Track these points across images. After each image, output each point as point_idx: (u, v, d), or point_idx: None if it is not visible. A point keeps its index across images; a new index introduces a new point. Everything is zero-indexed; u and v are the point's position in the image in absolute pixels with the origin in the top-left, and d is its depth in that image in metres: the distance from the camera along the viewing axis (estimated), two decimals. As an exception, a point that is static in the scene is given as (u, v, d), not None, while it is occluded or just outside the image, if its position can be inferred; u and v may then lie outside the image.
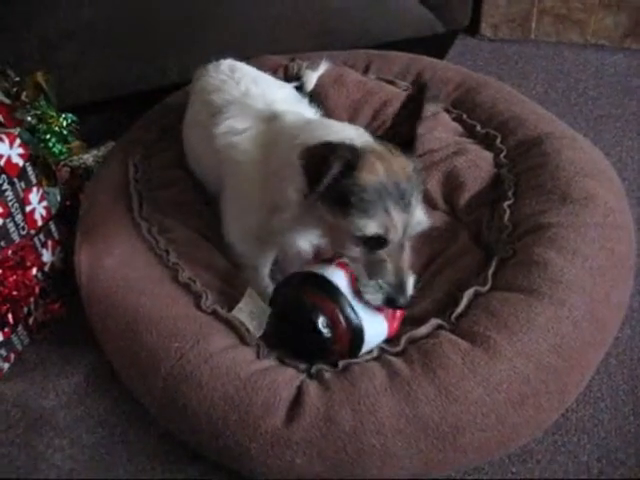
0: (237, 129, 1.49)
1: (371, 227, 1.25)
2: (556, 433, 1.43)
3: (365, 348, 1.33)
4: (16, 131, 1.56)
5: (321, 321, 1.29)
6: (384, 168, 1.26)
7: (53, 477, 1.42)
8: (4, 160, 1.51)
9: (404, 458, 1.23)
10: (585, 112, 2.27)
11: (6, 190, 1.53)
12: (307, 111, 1.61)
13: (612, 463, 1.37)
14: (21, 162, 1.57)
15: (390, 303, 1.29)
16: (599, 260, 1.39)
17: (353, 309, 1.29)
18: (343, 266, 1.34)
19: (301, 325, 1.31)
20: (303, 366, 1.34)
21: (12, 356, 1.65)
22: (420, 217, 1.31)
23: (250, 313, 1.40)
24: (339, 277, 1.32)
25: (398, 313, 1.36)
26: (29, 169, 1.60)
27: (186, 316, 1.40)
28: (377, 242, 1.27)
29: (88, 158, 2.09)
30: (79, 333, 1.66)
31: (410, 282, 1.30)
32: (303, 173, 1.24)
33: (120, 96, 2.26)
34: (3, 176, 1.52)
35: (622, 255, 1.44)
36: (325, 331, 1.29)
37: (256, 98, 1.57)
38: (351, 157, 1.23)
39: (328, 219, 1.30)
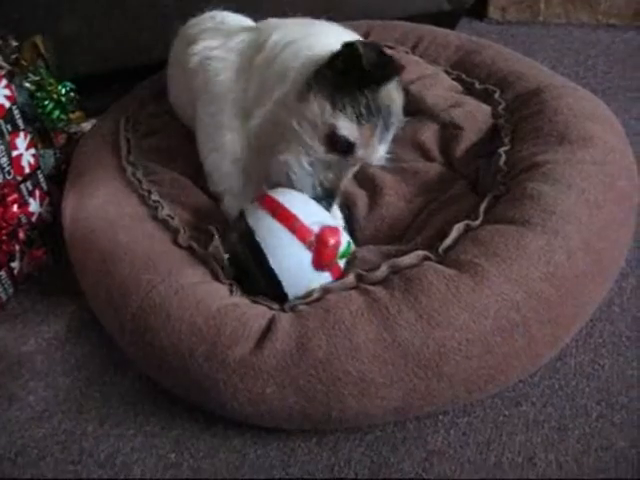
0: (212, 46, 1.49)
1: (352, 132, 1.29)
2: (553, 377, 1.34)
3: (286, 276, 1.27)
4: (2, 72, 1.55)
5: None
6: (394, 98, 1.35)
7: (24, 417, 1.38)
8: (-11, 99, 1.50)
9: (383, 387, 1.15)
10: (593, 84, 2.22)
11: (-9, 129, 1.52)
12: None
13: (612, 406, 1.28)
14: (7, 104, 1.56)
15: (316, 197, 1.31)
16: (596, 193, 1.32)
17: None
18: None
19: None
20: (276, 306, 1.28)
21: (-5, 304, 1.62)
22: (383, 154, 1.39)
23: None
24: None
25: (327, 234, 1.27)
26: (16, 113, 1.59)
27: (161, 251, 1.37)
28: (343, 148, 1.28)
29: (86, 126, 2.09)
30: (63, 284, 1.64)
31: (337, 200, 1.37)
32: (338, 61, 1.30)
33: (124, 68, 2.25)
34: (-13, 114, 1.51)
35: (623, 191, 1.37)
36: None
37: (233, 22, 1.57)
38: (389, 72, 1.31)
39: (307, 115, 1.31)
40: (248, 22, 1.70)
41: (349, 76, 1.29)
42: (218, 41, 1.48)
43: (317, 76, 1.33)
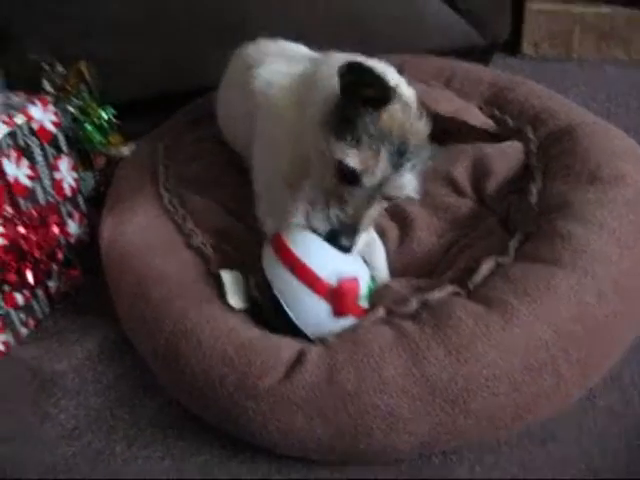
0: (276, 70, 1.50)
1: (353, 158, 1.24)
2: (581, 417, 1.33)
3: (310, 328, 1.27)
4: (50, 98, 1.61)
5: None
6: (401, 121, 1.25)
7: (55, 435, 1.41)
8: (37, 124, 1.56)
9: (410, 421, 1.17)
10: (625, 122, 2.21)
11: (37, 154, 1.58)
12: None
13: (644, 450, 1.27)
14: (53, 129, 1.61)
15: (332, 238, 1.26)
16: (627, 233, 1.33)
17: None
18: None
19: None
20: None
21: (31, 322, 1.66)
22: (405, 184, 1.29)
23: (232, 284, 1.37)
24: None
25: (345, 287, 1.27)
26: (60, 138, 1.64)
27: (194, 278, 1.40)
28: (351, 177, 1.25)
29: (126, 150, 2.14)
30: (98, 305, 1.67)
31: (362, 236, 1.28)
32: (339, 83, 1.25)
33: (163, 94, 2.31)
34: (34, 139, 1.56)
35: (654, 231, 1.37)
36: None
37: (296, 49, 1.59)
38: (383, 94, 1.24)
39: (320, 145, 1.29)
40: (306, 50, 1.71)
41: (346, 102, 1.27)
42: (282, 66, 1.51)
43: (324, 107, 1.33)
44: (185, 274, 1.41)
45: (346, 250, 1.27)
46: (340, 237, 1.26)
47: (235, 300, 1.34)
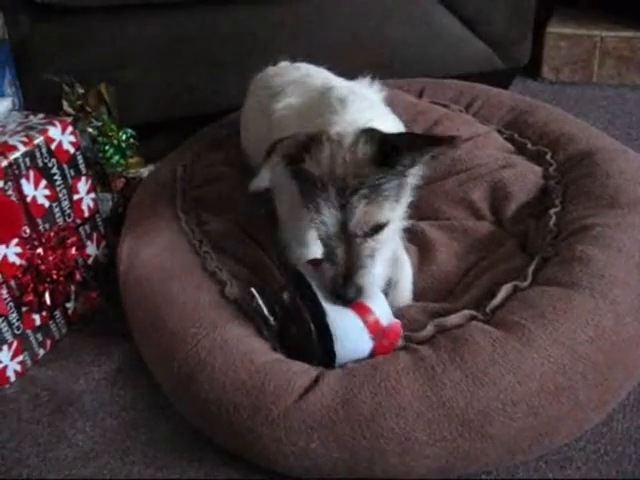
0: (293, 105, 1.49)
1: (310, 216, 1.25)
2: (599, 441, 1.31)
3: (343, 356, 1.26)
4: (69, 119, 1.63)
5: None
6: (332, 162, 1.23)
7: (72, 456, 1.41)
8: (55, 144, 1.57)
9: (427, 446, 1.16)
10: (646, 147, 2.21)
11: (55, 174, 1.59)
12: (366, 89, 1.56)
13: (660, 475, 1.25)
14: (72, 149, 1.63)
15: (338, 296, 1.24)
16: (646, 257, 1.32)
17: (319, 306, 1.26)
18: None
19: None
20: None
21: (48, 343, 1.66)
22: (366, 216, 1.22)
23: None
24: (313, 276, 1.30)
25: (394, 329, 1.28)
26: (79, 158, 1.66)
27: (209, 303, 1.41)
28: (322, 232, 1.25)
29: (144, 172, 2.16)
30: (116, 326, 1.68)
31: (364, 274, 1.24)
32: None
33: (180, 117, 2.34)
34: (53, 160, 1.58)
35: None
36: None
37: (316, 77, 1.59)
38: (295, 149, 1.24)
39: None
40: (329, 76, 1.69)
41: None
42: (297, 99, 1.51)
43: None
44: (199, 299, 1.41)
45: (354, 299, 1.25)
46: (342, 292, 1.24)
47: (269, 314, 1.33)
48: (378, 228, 1.25)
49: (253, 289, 1.34)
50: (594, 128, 1.82)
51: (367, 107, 1.38)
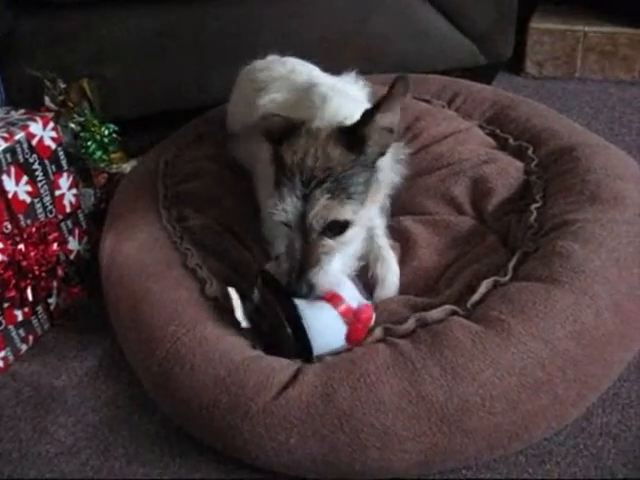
0: (277, 101, 1.51)
1: (270, 205, 1.27)
2: (578, 436, 1.32)
3: (319, 346, 1.27)
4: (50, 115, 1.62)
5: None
6: (303, 153, 1.25)
7: (54, 451, 1.40)
8: (36, 140, 1.57)
9: (406, 440, 1.16)
10: (628, 141, 2.22)
11: (36, 170, 1.59)
12: (349, 86, 1.59)
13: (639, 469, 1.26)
14: (53, 145, 1.62)
15: (291, 291, 1.24)
16: (626, 253, 1.33)
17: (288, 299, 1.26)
18: None
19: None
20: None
21: (30, 338, 1.66)
22: (327, 210, 1.23)
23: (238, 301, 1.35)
24: None
25: (365, 311, 1.29)
26: (61, 154, 1.65)
27: (188, 301, 1.40)
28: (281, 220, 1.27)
29: (126, 167, 2.15)
30: (98, 321, 1.68)
31: (317, 272, 1.24)
32: None
33: (163, 112, 2.33)
34: (34, 156, 1.57)
35: (653, 251, 1.37)
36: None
37: (301, 73, 1.60)
38: (278, 131, 1.29)
39: None
40: (315, 72, 1.72)
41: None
42: (282, 96, 1.53)
43: None
44: (179, 296, 1.40)
45: (306, 295, 1.25)
46: (293, 287, 1.24)
47: (242, 317, 1.32)
48: (339, 228, 1.26)
49: (230, 289, 1.34)
50: (576, 124, 1.83)
51: (347, 103, 1.40)
